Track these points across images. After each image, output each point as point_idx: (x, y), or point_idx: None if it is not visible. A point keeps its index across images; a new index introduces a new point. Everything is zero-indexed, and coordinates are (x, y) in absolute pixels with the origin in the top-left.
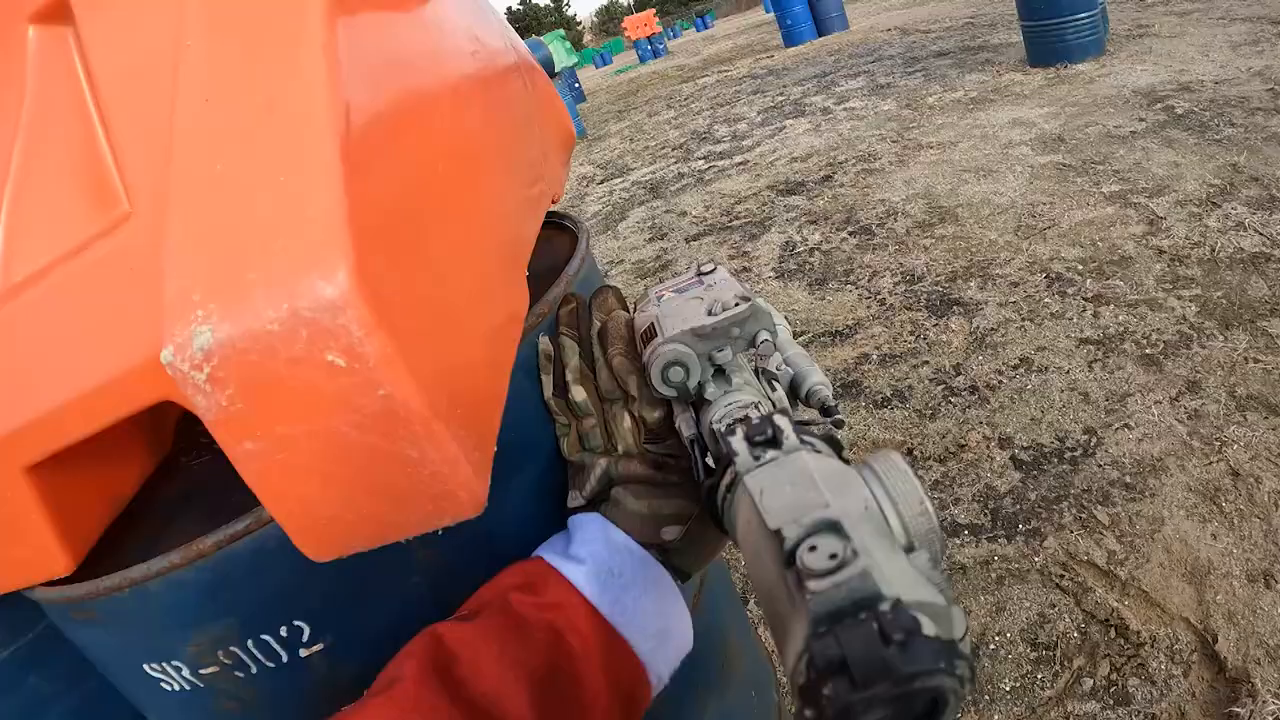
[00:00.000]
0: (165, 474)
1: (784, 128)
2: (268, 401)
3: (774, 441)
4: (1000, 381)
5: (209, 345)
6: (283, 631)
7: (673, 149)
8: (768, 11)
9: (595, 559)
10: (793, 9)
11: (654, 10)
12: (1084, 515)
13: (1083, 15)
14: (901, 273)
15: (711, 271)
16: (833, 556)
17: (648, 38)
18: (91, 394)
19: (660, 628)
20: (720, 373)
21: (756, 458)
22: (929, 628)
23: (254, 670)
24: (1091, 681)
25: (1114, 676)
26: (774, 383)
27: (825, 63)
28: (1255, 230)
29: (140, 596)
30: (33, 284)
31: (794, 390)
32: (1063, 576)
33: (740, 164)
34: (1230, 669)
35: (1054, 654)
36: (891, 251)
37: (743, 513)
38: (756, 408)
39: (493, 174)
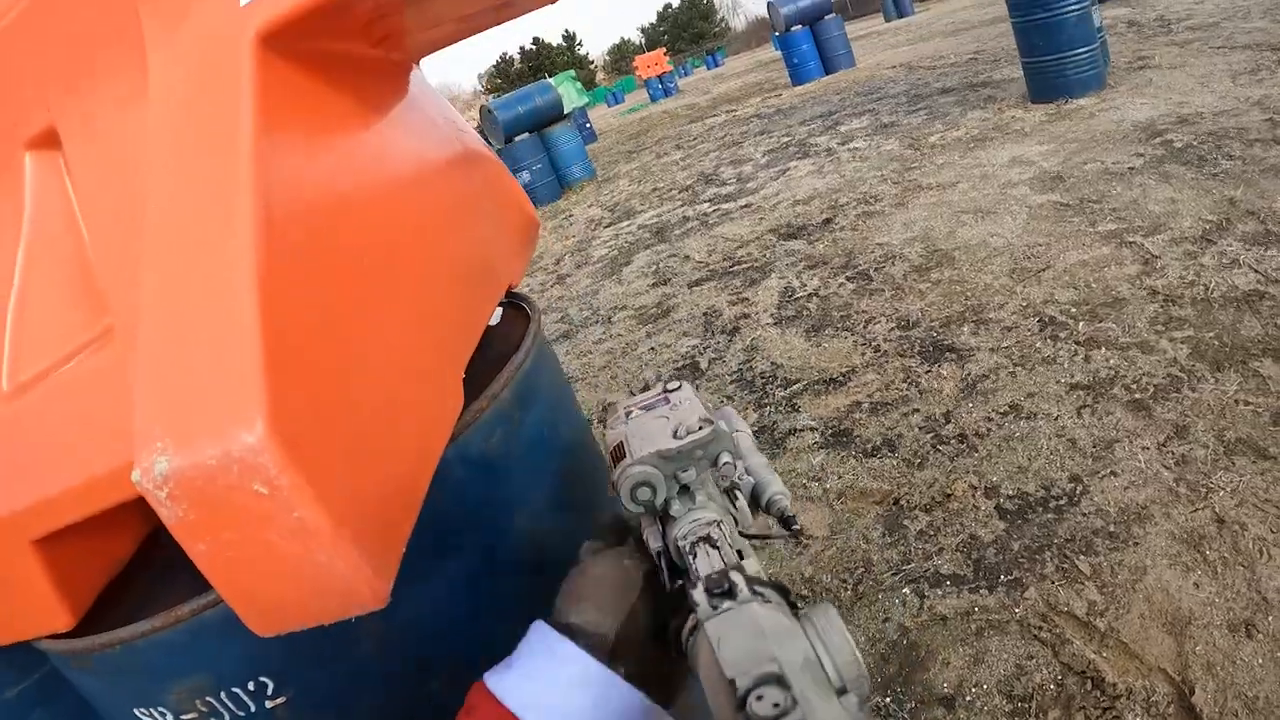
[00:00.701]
0: (160, 536)
1: (788, 169)
2: (213, 515)
3: (730, 593)
4: (989, 429)
5: (166, 471)
6: (250, 686)
7: (679, 191)
8: (776, 49)
9: (519, 664)
10: (800, 47)
11: (665, 49)
12: (1066, 565)
13: (1081, 50)
14: (897, 319)
15: (678, 389)
16: (776, 705)
17: (658, 76)
18: (88, 484)
19: None
20: (685, 490)
21: (714, 607)
22: None
23: (227, 718)
24: None
25: None
26: (736, 493)
27: (831, 101)
28: (1250, 267)
29: (129, 652)
30: (35, 385)
31: (755, 499)
32: (1041, 628)
33: (744, 207)
34: None
35: (1029, 705)
36: (888, 297)
37: (703, 655)
38: (719, 525)
39: (426, 282)
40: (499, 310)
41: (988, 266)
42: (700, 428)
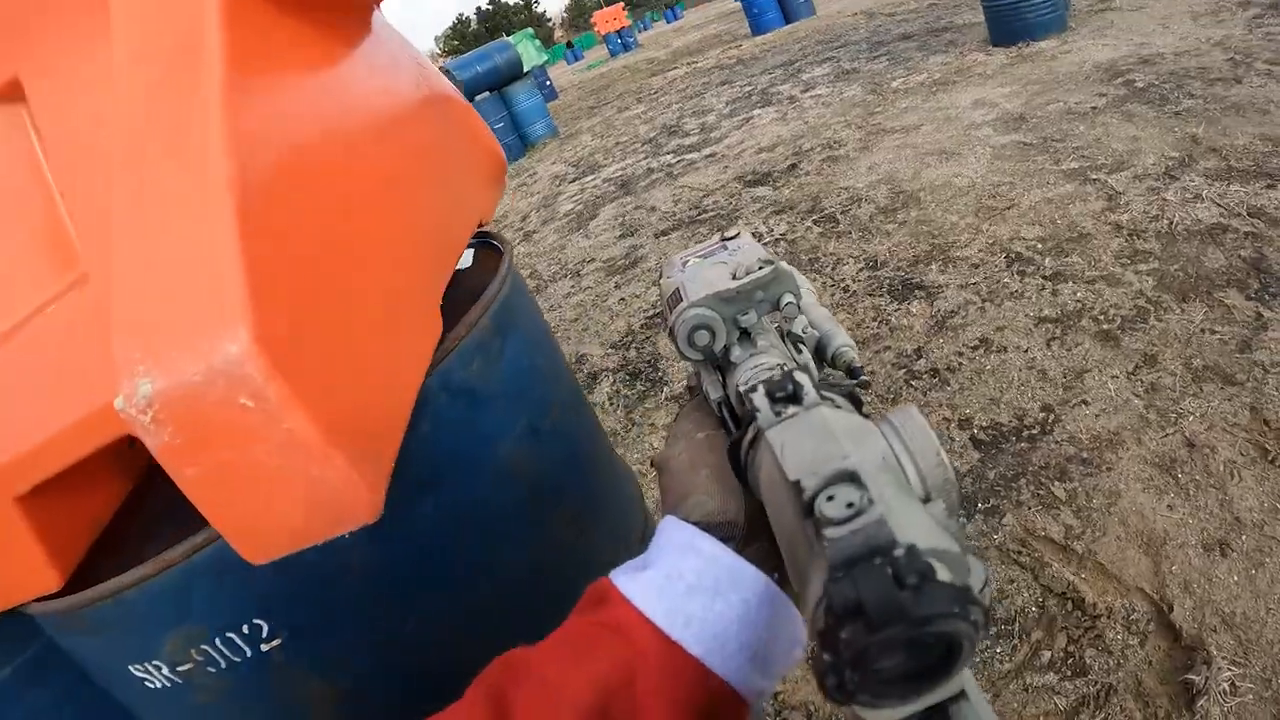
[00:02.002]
0: (139, 499)
1: (751, 118)
2: (200, 436)
3: (794, 398)
4: (960, 363)
5: (150, 394)
6: (245, 630)
7: (643, 144)
8: (735, 1)
9: (659, 565)
10: None
11: (623, 4)
12: (1041, 492)
13: None
14: (865, 259)
15: (735, 236)
16: (850, 505)
17: (617, 32)
18: (66, 432)
19: (746, 641)
20: (745, 336)
21: (778, 413)
22: (943, 574)
23: (223, 665)
24: (1049, 654)
25: (1071, 649)
26: (800, 345)
27: (792, 50)
28: (1213, 201)
29: (121, 605)
30: (8, 338)
31: (820, 352)
32: (1020, 553)
33: (709, 156)
34: (1186, 637)
35: (1012, 628)
36: (855, 239)
37: (765, 467)
38: (781, 369)
39: (398, 213)
40: (470, 252)
41: (953, 206)
42: (760, 268)
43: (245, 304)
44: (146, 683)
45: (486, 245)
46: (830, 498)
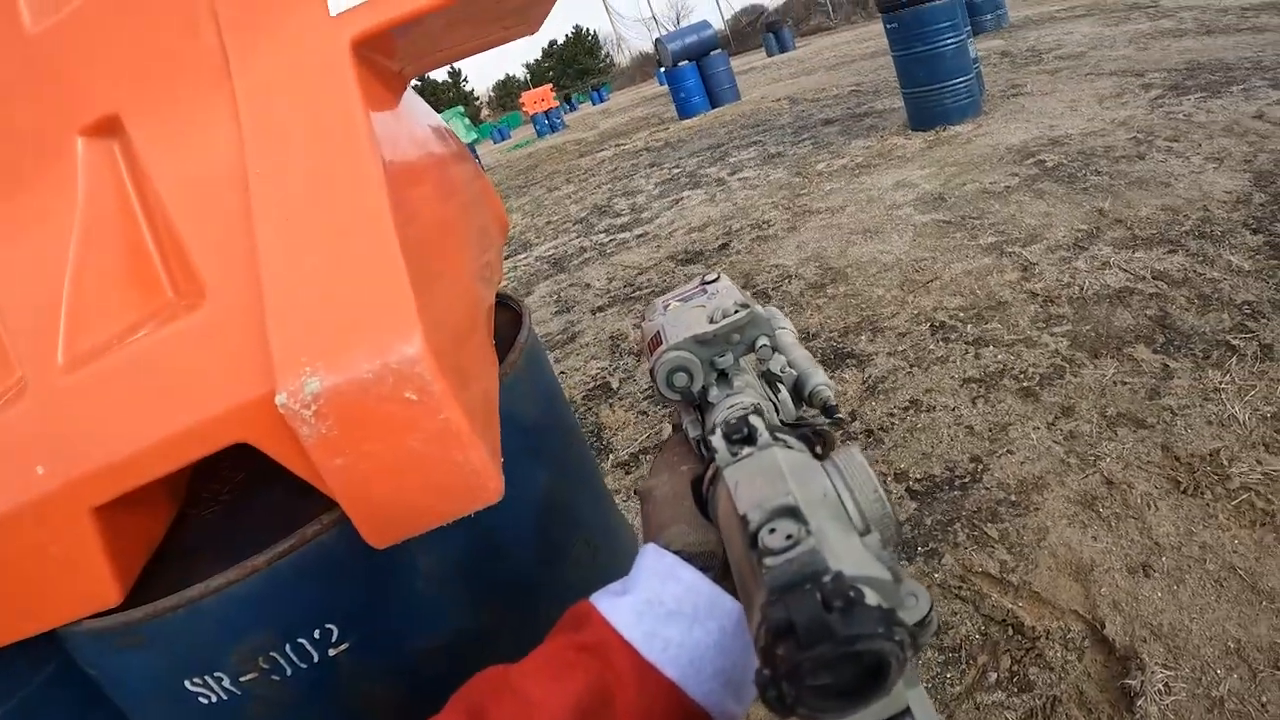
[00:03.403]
0: (178, 526)
1: (681, 199)
2: (357, 428)
3: (749, 439)
4: (893, 423)
5: (318, 390)
6: (316, 634)
7: (574, 223)
8: (661, 84)
9: (640, 590)
10: (686, 82)
11: (551, 85)
12: (976, 533)
13: (959, 80)
14: (798, 331)
15: (715, 280)
16: (789, 537)
17: (545, 112)
18: (151, 449)
19: (721, 667)
20: (723, 377)
21: (734, 453)
22: (871, 598)
23: (289, 672)
24: (996, 674)
25: (1015, 668)
26: (778, 384)
27: (718, 134)
28: (1120, 268)
29: (193, 614)
30: (92, 358)
31: (797, 391)
32: (961, 587)
33: (640, 236)
34: (1119, 649)
35: (959, 655)
36: (787, 312)
37: (722, 502)
38: (756, 409)
39: (467, 243)
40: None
41: (879, 281)
42: (736, 311)
43: (415, 312)
44: (200, 698)
45: (502, 304)
46: (772, 530)
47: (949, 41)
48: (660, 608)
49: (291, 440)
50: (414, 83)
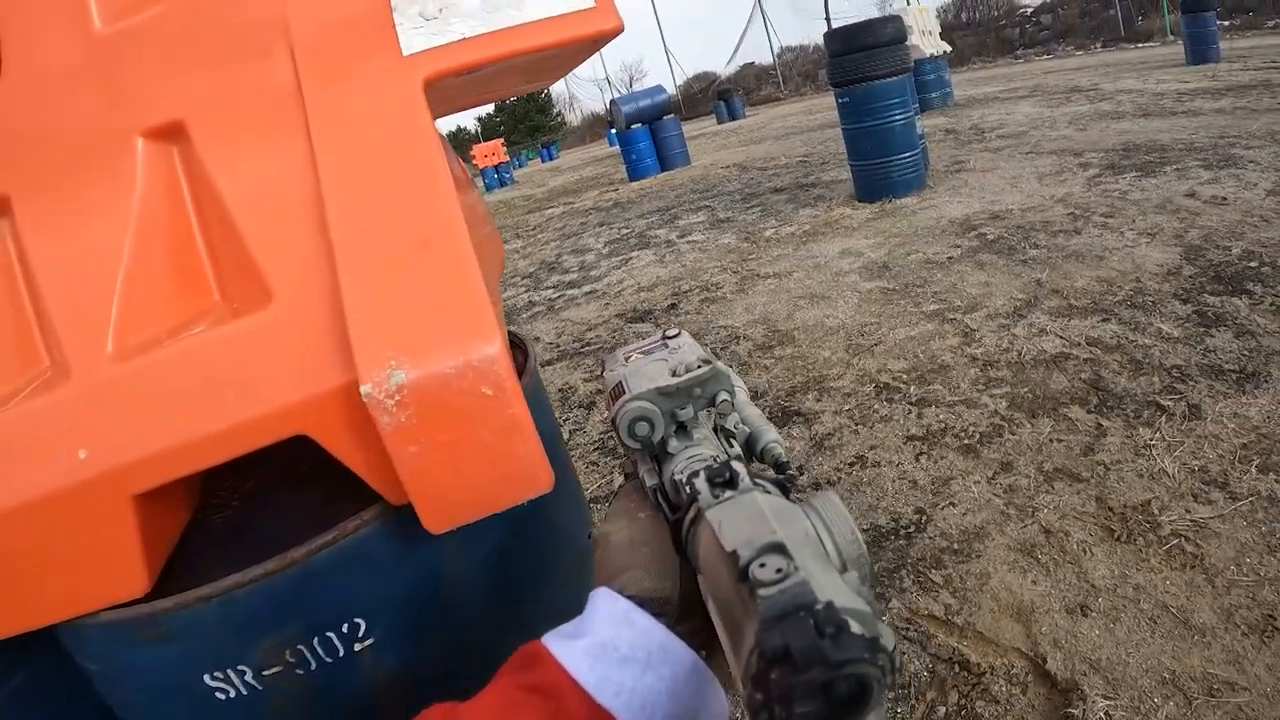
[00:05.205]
0: (187, 529)
1: (630, 259)
2: (434, 418)
3: (731, 483)
4: (839, 477)
5: (403, 382)
6: (344, 628)
7: (522, 278)
8: (611, 145)
9: (594, 634)
10: (638, 144)
11: (502, 140)
12: (921, 579)
13: (905, 154)
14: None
15: (676, 335)
16: (779, 570)
17: (495, 166)
18: (198, 441)
19: (672, 712)
20: (682, 429)
21: (716, 496)
22: (856, 627)
23: (314, 666)
24: (944, 709)
25: (963, 702)
26: (731, 439)
27: (668, 197)
28: (1056, 335)
29: (225, 605)
30: (142, 351)
31: (749, 447)
32: (908, 629)
33: (589, 293)
34: (1061, 682)
35: (909, 692)
36: (735, 371)
37: (704, 541)
38: (716, 460)
39: (496, 271)
40: None
41: (825, 343)
42: (699, 366)
43: (493, 317)
44: (218, 693)
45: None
46: (762, 564)
47: (898, 117)
48: (614, 652)
49: (353, 432)
50: None
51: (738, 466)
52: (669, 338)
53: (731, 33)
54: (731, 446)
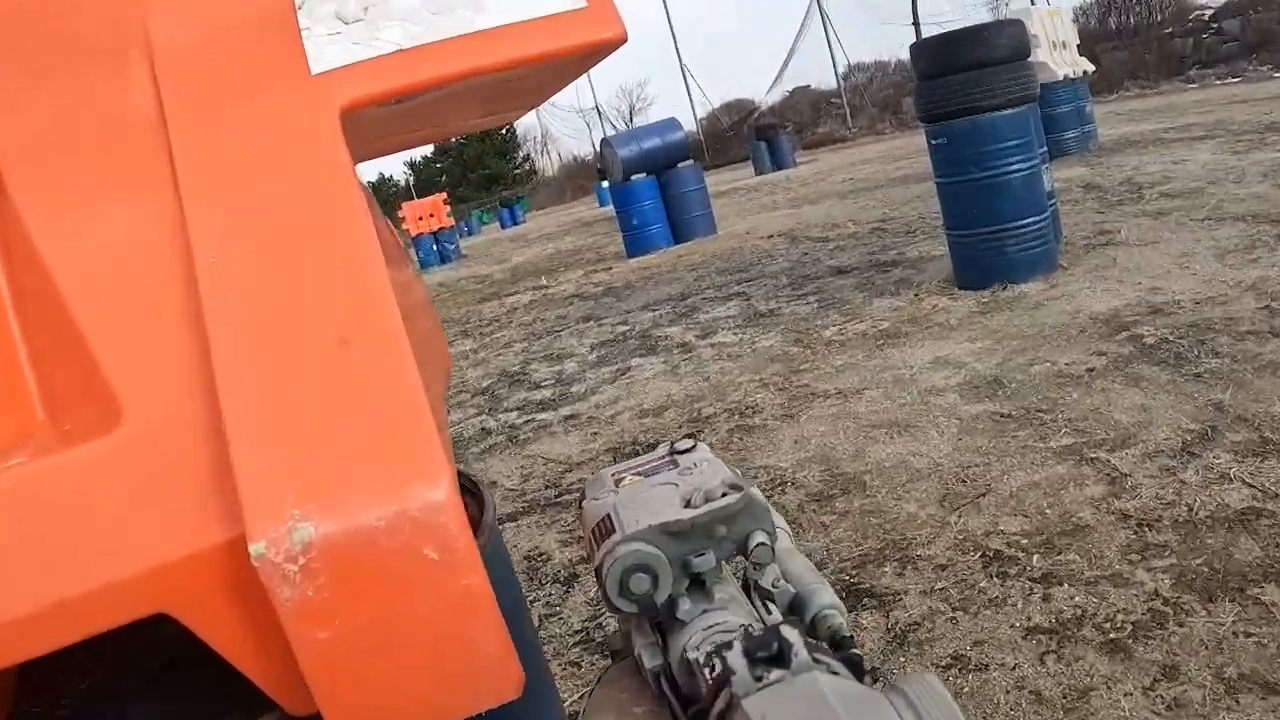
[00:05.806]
0: None
1: (629, 369)
2: (355, 590)
3: (780, 659)
4: None
5: (310, 539)
6: None
7: (473, 395)
8: (602, 204)
9: None
10: (640, 204)
11: (444, 195)
12: None
13: (1028, 221)
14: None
15: (690, 450)
16: None
17: (434, 233)
18: (55, 609)
19: None
20: (698, 584)
21: (759, 678)
22: None
23: None
24: None
25: None
26: (769, 603)
27: (685, 280)
28: (1243, 481)
29: None
30: None
31: (795, 613)
32: None
33: (569, 418)
34: None
35: None
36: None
37: None
38: (751, 628)
39: (438, 381)
40: None
41: (910, 493)
42: (724, 494)
43: (441, 451)
44: None
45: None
46: None
47: (1017, 167)
48: None
49: (237, 610)
50: None
51: (790, 633)
52: (680, 452)
53: (775, 44)
54: (770, 613)
